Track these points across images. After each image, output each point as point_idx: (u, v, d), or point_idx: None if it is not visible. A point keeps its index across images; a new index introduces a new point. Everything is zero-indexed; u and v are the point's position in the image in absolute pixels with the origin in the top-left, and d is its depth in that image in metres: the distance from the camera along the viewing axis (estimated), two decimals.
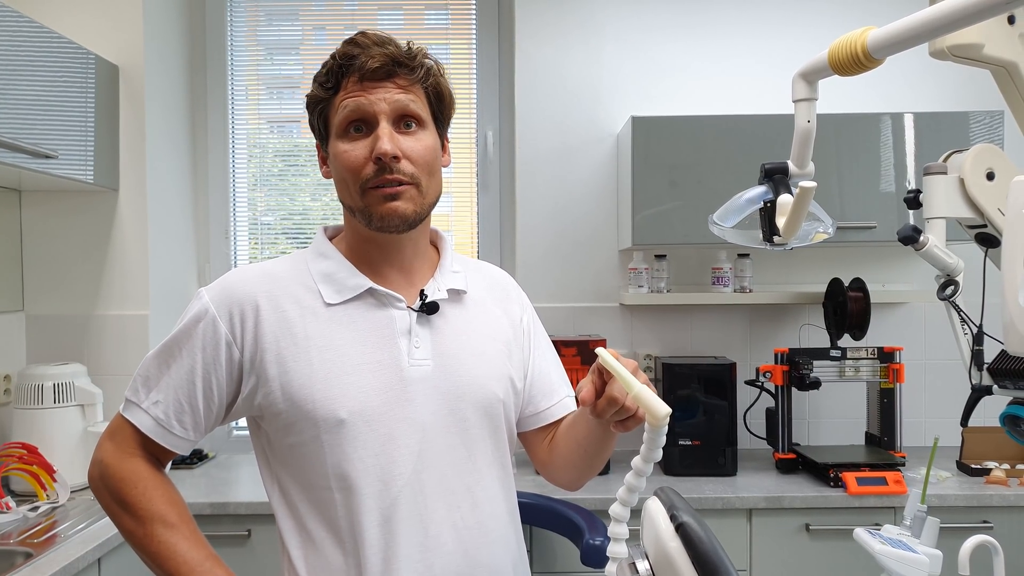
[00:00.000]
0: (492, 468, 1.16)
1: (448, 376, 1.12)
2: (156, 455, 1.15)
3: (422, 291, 1.16)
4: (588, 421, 1.11)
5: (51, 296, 2.47)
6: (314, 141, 1.19)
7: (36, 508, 2.01)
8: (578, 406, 1.02)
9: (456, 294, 1.19)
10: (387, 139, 1.06)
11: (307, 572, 1.10)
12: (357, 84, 1.08)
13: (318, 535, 1.09)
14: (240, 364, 1.10)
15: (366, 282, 1.13)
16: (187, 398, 1.10)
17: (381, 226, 1.11)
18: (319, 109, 1.13)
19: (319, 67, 1.13)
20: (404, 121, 1.10)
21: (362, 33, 1.11)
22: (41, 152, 2.03)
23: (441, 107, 1.16)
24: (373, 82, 1.08)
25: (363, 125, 1.09)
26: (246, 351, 1.09)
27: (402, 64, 1.09)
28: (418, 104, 1.11)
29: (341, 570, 1.08)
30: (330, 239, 1.20)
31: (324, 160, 1.18)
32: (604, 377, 0.96)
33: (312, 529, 1.10)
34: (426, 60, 1.12)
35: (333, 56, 1.10)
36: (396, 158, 1.07)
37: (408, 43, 1.12)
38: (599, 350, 0.94)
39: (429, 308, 1.14)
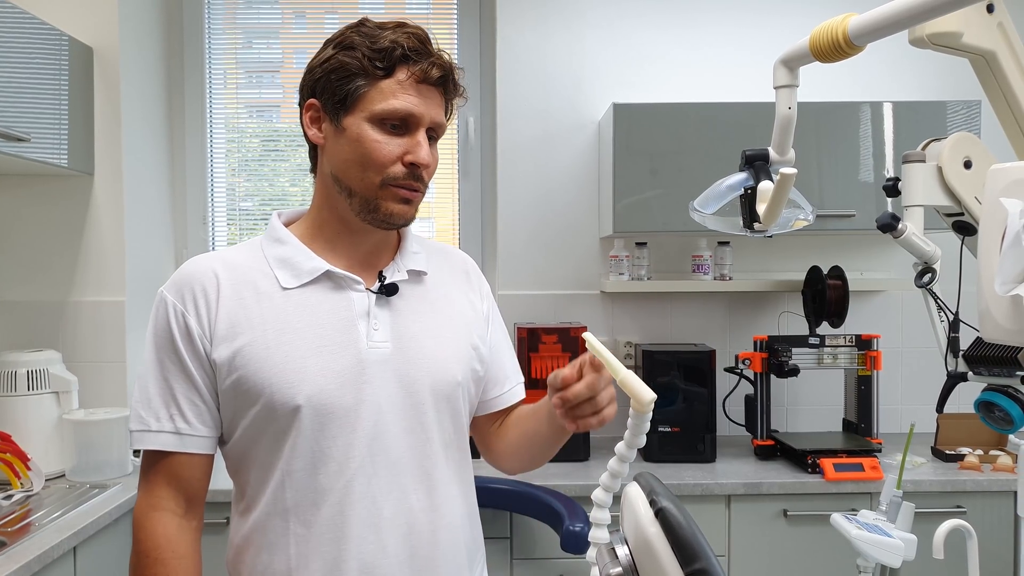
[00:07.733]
0: (450, 451, 1.16)
1: (407, 359, 1.12)
2: (189, 487, 1.11)
3: (380, 272, 1.16)
4: (542, 419, 1.15)
5: (25, 282, 2.43)
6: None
7: (10, 496, 1.98)
8: (551, 392, 1.03)
9: (416, 275, 1.19)
10: (427, 152, 1.10)
11: (254, 552, 1.10)
12: (413, 84, 1.09)
13: (268, 516, 1.09)
14: (206, 349, 1.09)
15: (323, 265, 1.12)
16: (187, 393, 1.09)
17: (382, 222, 1.11)
18: (354, 82, 1.08)
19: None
20: (430, 132, 1.13)
21: (415, 28, 1.10)
22: (13, 135, 1.99)
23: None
24: (428, 86, 1.10)
25: (401, 124, 1.09)
26: (206, 335, 1.09)
27: (452, 81, 1.13)
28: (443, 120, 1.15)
29: (291, 550, 1.08)
30: (285, 225, 1.19)
31: (316, 121, 1.13)
32: (582, 372, 0.99)
33: (262, 509, 1.09)
34: (461, 82, 1.16)
35: (393, 42, 1.07)
36: (427, 167, 1.11)
37: (447, 54, 1.14)
38: (586, 335, 0.94)
39: (388, 290, 1.14)
